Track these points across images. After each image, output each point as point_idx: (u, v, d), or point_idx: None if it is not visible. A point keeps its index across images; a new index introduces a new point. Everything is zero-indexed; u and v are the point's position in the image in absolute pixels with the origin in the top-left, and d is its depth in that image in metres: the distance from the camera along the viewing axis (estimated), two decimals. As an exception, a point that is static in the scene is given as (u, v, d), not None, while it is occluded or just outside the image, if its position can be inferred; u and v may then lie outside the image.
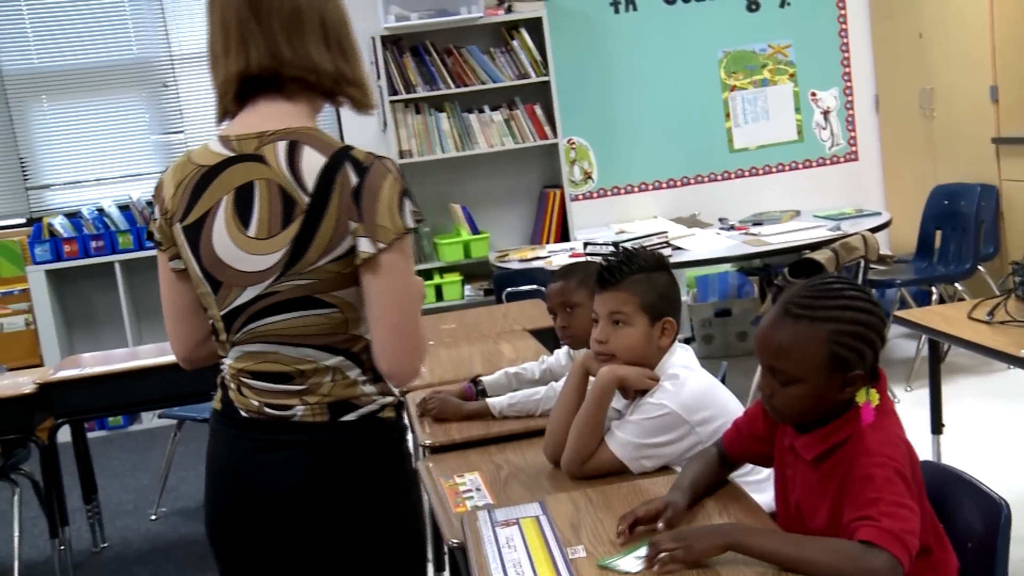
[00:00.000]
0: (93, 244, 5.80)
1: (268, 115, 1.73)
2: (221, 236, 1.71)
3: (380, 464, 1.78)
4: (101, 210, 5.93)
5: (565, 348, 2.84)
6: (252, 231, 1.70)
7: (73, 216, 5.93)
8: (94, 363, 4.14)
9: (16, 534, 3.92)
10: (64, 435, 4.08)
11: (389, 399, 1.79)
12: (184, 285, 1.82)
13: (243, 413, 1.78)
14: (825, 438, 1.75)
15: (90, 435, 4.74)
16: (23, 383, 3.87)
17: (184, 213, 1.75)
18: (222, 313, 1.76)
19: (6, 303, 5.85)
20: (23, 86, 5.98)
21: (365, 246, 1.66)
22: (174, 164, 1.80)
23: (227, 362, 1.81)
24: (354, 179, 1.66)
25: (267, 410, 1.76)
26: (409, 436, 1.88)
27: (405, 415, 1.88)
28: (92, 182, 6.09)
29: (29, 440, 3.87)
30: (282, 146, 1.69)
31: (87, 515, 4.30)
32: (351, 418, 1.75)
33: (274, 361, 1.75)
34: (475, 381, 2.83)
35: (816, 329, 1.72)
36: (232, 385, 1.80)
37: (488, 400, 2.67)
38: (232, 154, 1.72)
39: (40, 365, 5.51)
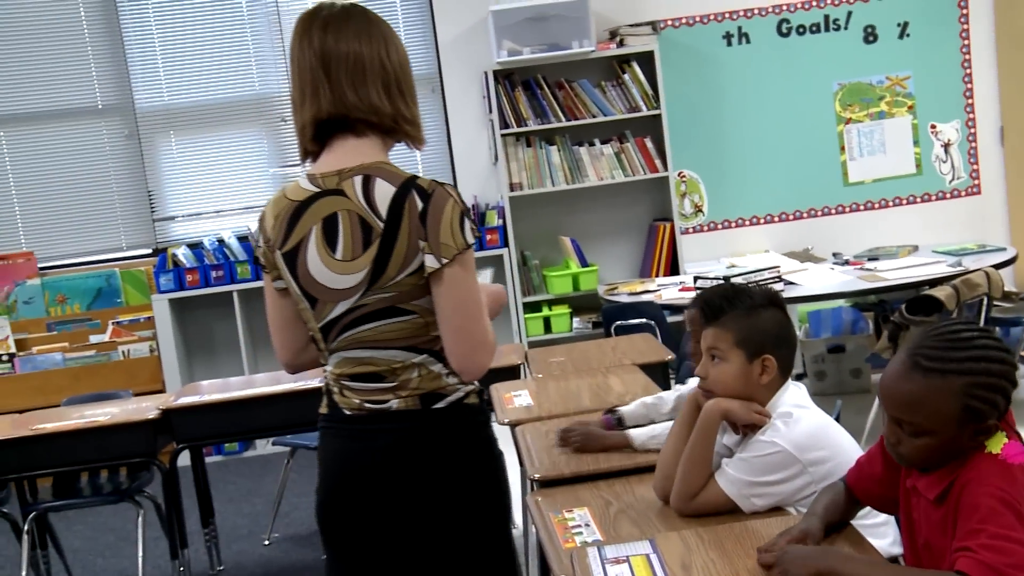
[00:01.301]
0: (213, 274, 6.00)
1: (344, 154, 2.01)
2: (314, 260, 2.00)
3: (468, 442, 2.05)
4: (221, 241, 6.14)
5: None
6: (339, 254, 1.98)
7: (195, 247, 6.15)
8: (212, 390, 4.27)
9: (140, 554, 4.05)
10: (183, 459, 4.21)
11: (471, 387, 2.07)
12: (286, 301, 2.11)
13: (347, 412, 2.06)
14: (946, 475, 1.71)
15: (207, 460, 4.88)
16: (147, 408, 4.02)
17: (282, 241, 2.03)
18: (320, 325, 2.04)
19: (132, 330, 6.08)
20: (153, 122, 6.24)
21: (431, 261, 1.93)
22: (272, 199, 2.09)
23: (328, 369, 2.09)
24: (420, 204, 1.93)
25: (367, 405, 2.03)
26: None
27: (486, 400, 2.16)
28: (213, 214, 6.31)
29: (152, 463, 4.01)
30: (358, 180, 1.97)
31: (205, 538, 4.41)
32: (441, 406, 2.03)
33: (368, 363, 2.02)
34: (611, 411, 2.81)
35: (948, 382, 1.66)
36: (335, 389, 2.08)
37: (628, 432, 2.65)
38: (318, 190, 2.01)
39: (162, 391, 5.71)
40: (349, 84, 1.98)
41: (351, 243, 1.96)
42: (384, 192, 1.95)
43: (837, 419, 2.45)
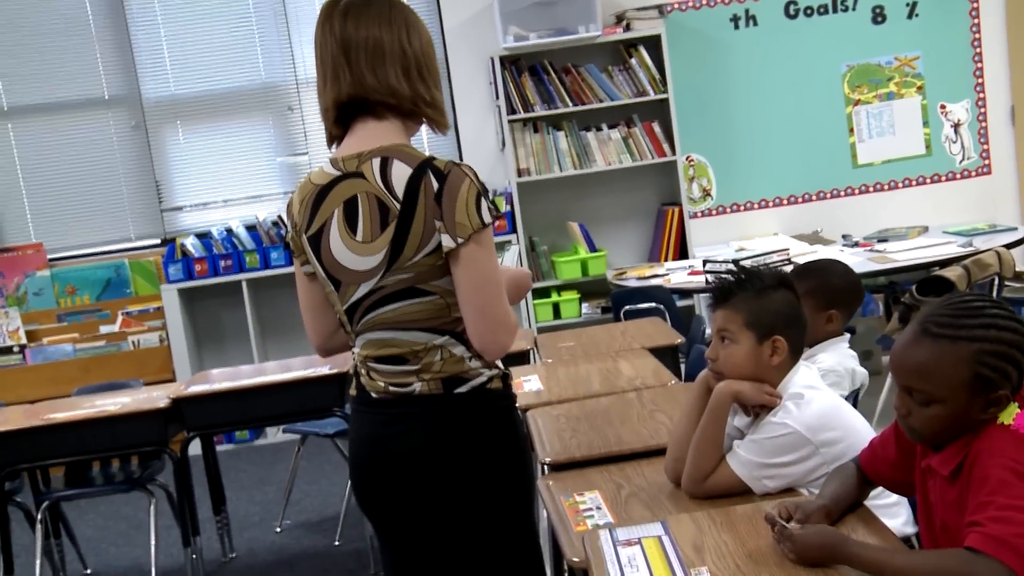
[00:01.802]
0: (222, 263, 6.00)
1: (364, 137, 2.04)
2: (336, 242, 2.04)
3: (492, 428, 2.06)
4: (230, 230, 6.14)
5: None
6: (359, 236, 2.01)
7: (204, 236, 6.15)
8: (223, 379, 4.27)
9: (152, 542, 4.06)
10: (195, 448, 4.22)
11: (495, 371, 2.08)
12: (314, 285, 2.16)
13: (373, 395, 2.09)
14: (959, 450, 1.69)
15: (218, 448, 4.89)
16: (158, 398, 4.03)
17: (307, 225, 2.08)
18: (344, 308, 2.09)
19: (142, 320, 6.10)
20: (160, 112, 6.24)
21: (447, 241, 1.95)
22: (299, 185, 2.14)
23: (355, 351, 2.13)
24: (435, 184, 1.96)
25: (392, 389, 2.06)
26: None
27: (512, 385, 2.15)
28: (221, 203, 6.31)
29: (163, 452, 4.02)
30: (376, 162, 2.00)
31: (216, 526, 4.42)
32: (463, 390, 2.04)
33: (391, 345, 2.05)
34: None
35: (958, 349, 1.65)
36: (362, 371, 2.12)
37: None
38: (339, 173, 2.05)
39: (172, 380, 5.72)
40: (368, 67, 2.01)
41: (370, 225, 1.99)
42: (401, 173, 1.97)
43: (854, 404, 2.44)
